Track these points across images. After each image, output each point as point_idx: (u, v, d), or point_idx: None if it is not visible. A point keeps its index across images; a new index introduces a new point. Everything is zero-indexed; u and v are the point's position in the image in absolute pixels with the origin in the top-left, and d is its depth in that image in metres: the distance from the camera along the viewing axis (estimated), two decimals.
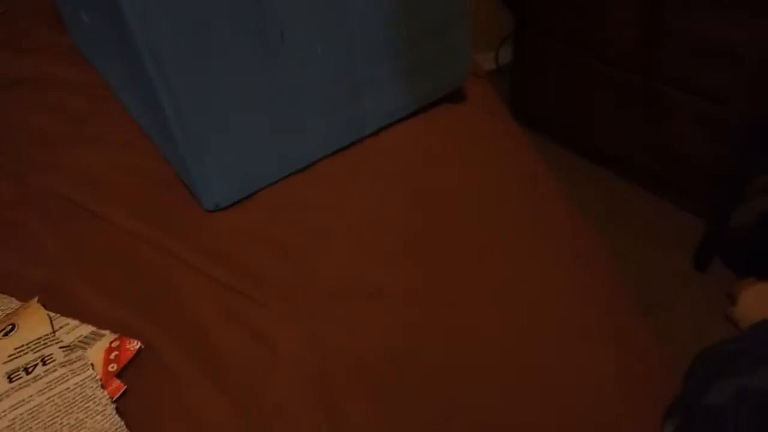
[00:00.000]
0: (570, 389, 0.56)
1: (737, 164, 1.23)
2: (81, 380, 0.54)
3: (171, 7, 0.57)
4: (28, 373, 0.54)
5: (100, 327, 0.59)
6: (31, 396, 0.53)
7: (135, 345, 0.58)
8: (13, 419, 0.51)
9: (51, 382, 0.54)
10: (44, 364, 0.55)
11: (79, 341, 0.58)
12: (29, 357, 0.56)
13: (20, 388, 0.53)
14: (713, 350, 0.56)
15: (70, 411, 0.52)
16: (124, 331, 0.59)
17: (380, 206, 0.70)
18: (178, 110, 0.63)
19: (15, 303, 0.63)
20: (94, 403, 0.53)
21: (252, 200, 0.72)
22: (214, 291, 0.63)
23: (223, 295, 0.62)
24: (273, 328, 0.59)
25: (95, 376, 0.55)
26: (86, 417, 0.52)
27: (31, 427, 0.50)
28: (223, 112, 0.65)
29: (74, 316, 0.60)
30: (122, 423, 0.52)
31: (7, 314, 0.61)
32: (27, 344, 0.57)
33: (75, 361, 0.55)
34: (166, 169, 0.77)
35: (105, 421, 0.52)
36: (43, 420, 0.51)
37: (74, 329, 0.60)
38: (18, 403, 0.52)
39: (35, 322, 0.60)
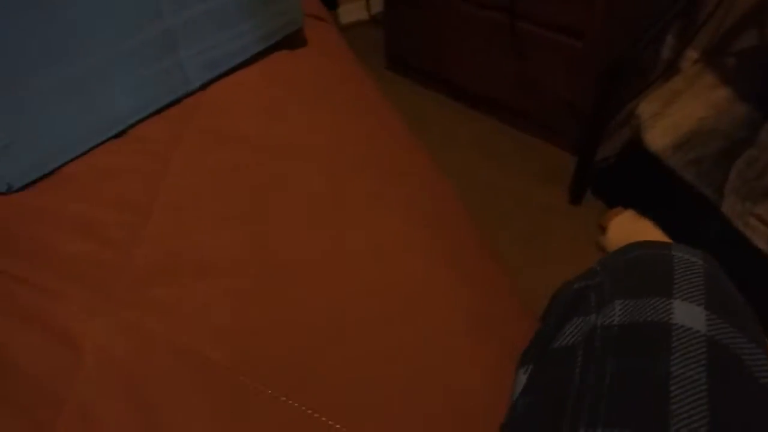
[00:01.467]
0: (416, 342, 0.52)
1: (599, 98, 1.25)
2: None
3: None
4: None
5: None
6: None
7: None
8: None
9: None
10: None
11: None
12: None
13: None
14: (564, 290, 0.55)
15: None
16: None
17: (208, 171, 0.62)
18: None
19: None
20: None
21: (55, 175, 0.62)
22: (3, 286, 0.53)
23: (14, 290, 0.53)
24: (76, 322, 0.50)
25: None
26: None
27: None
28: None
29: None
30: None
31: None
32: None
33: None
34: None
35: None
36: None
37: None
38: None
39: None
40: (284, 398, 0.47)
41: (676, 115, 1.22)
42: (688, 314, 0.40)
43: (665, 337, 0.39)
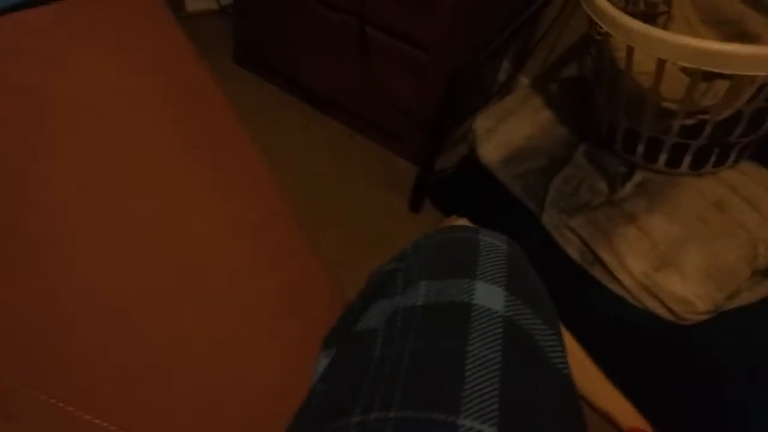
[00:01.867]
0: (209, 322, 0.46)
1: (440, 109, 1.29)
2: None
3: None
4: None
5: None
6: None
7: None
8: None
9: None
10: None
11: None
12: None
13: None
14: (374, 273, 0.53)
15: None
16: None
17: None
18: None
19: None
20: None
21: None
22: None
23: None
24: None
25: None
26: None
27: None
28: None
29: None
30: None
31: None
32: None
33: None
34: None
35: None
36: None
37: None
38: None
39: None
40: (30, 390, 0.37)
41: (506, 131, 1.29)
42: (488, 295, 0.40)
43: (465, 317, 0.39)
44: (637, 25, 0.90)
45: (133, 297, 0.45)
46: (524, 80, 1.53)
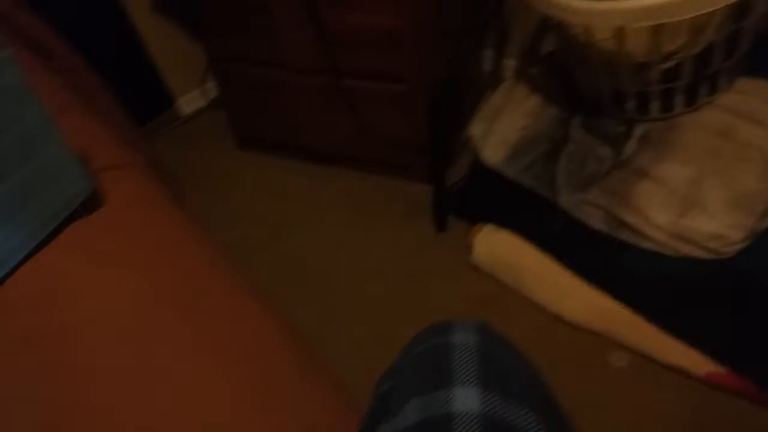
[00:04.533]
0: None
1: (432, 129, 1.32)
2: None
3: None
4: None
5: None
6: None
7: None
8: None
9: None
10: None
11: None
12: None
13: None
14: (374, 392, 0.57)
15: None
16: None
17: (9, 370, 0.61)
18: None
19: None
20: None
21: None
22: None
23: None
24: None
25: None
26: None
27: None
28: None
29: None
30: None
31: None
32: None
33: None
34: None
35: None
36: None
37: None
38: None
39: None
40: None
41: (501, 130, 1.31)
42: (464, 399, 0.43)
43: (447, 428, 0.43)
44: (584, 4, 0.90)
45: None
46: (511, 63, 1.52)
